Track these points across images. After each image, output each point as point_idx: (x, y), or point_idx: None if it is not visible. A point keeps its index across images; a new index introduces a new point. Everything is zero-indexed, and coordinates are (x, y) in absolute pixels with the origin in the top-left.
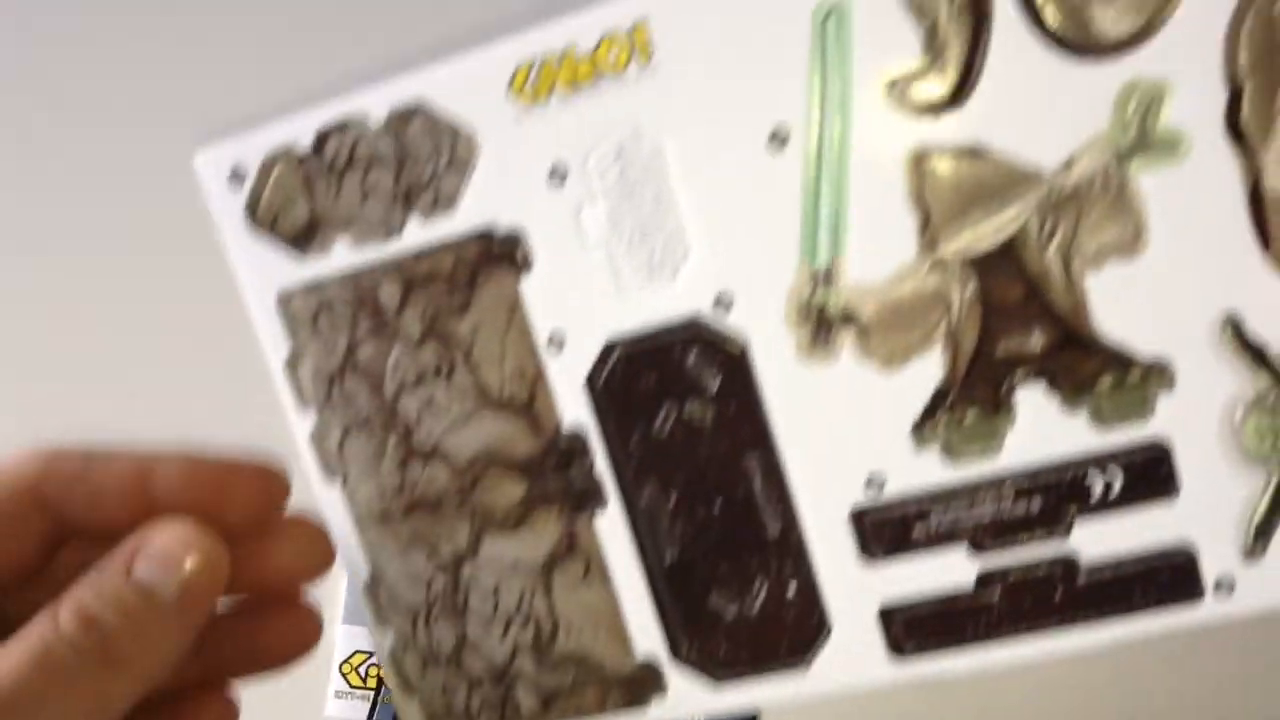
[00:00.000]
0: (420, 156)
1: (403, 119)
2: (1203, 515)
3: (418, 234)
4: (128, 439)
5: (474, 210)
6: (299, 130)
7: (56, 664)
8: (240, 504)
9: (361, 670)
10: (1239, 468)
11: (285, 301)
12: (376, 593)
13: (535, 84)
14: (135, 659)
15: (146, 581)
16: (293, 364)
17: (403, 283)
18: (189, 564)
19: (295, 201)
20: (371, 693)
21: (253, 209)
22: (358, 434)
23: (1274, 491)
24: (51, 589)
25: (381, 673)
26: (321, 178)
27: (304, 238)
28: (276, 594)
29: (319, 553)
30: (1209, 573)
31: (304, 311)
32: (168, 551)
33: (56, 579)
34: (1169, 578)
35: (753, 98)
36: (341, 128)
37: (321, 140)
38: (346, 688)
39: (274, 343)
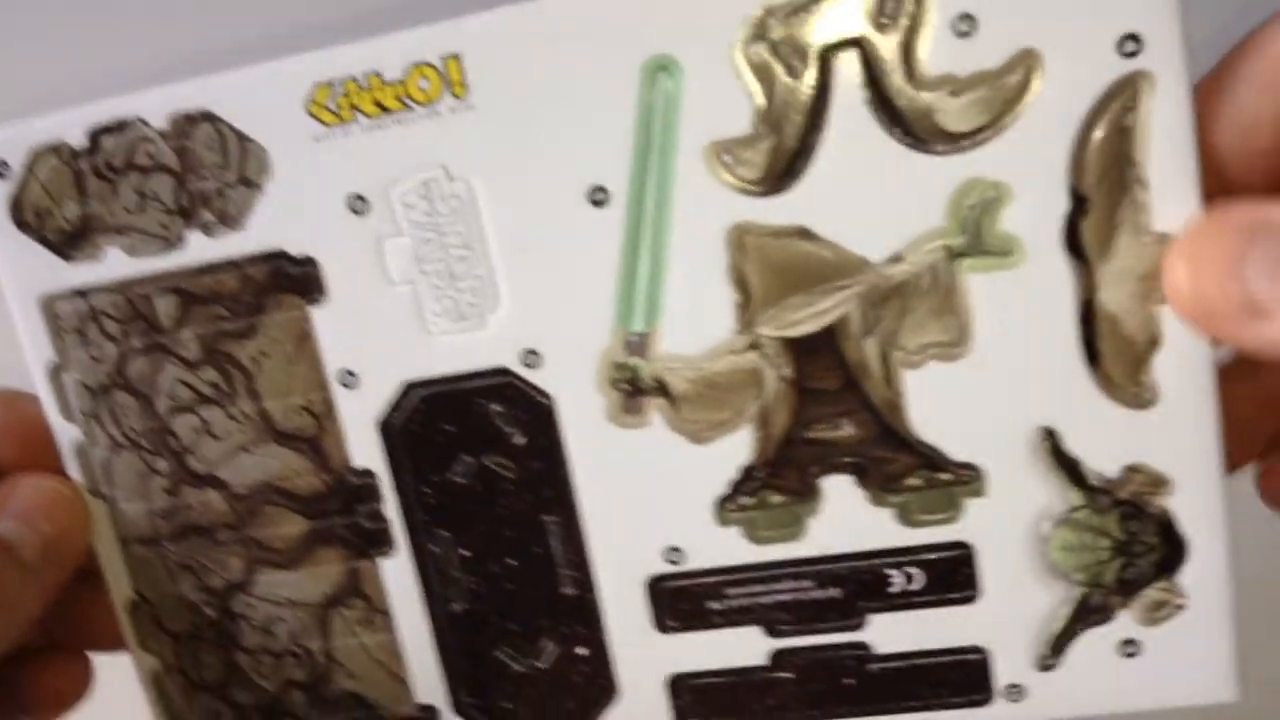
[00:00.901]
0: (206, 168)
1: (188, 126)
2: (1001, 621)
3: (200, 249)
4: None
5: (264, 231)
6: (73, 126)
7: None
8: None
9: None
10: (1042, 579)
11: (49, 306)
12: (140, 614)
13: (337, 105)
14: None
15: (8, 538)
16: (56, 373)
17: (181, 299)
18: (52, 522)
19: (65, 202)
20: None
21: (17, 205)
22: (127, 452)
23: (1075, 608)
24: None
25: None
26: (95, 179)
27: (73, 241)
28: None
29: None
30: (1001, 677)
31: (71, 319)
32: (32, 508)
33: None
34: (961, 677)
35: (573, 150)
36: (120, 127)
37: (96, 139)
38: None
39: (36, 348)
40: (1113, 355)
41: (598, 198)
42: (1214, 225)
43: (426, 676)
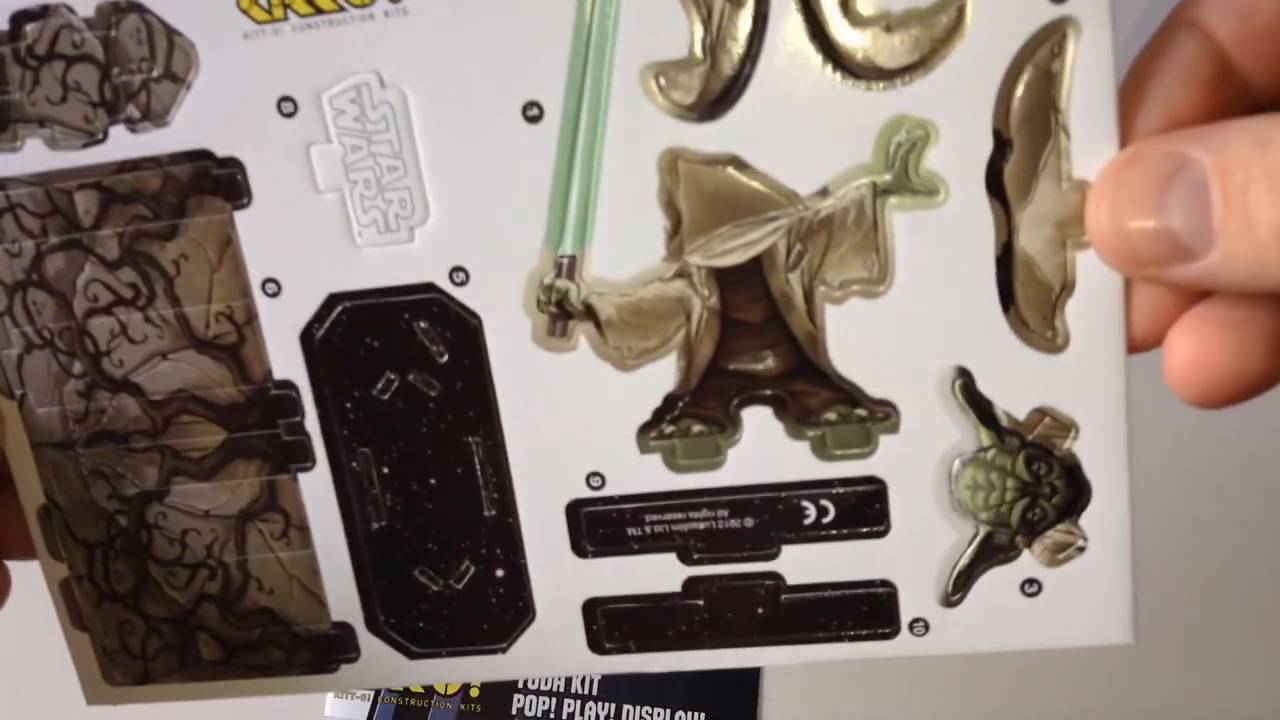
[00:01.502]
0: (131, 60)
1: (115, 15)
2: (908, 557)
3: (123, 145)
4: None
5: (189, 129)
6: None
7: None
8: None
9: None
10: (950, 516)
11: None
12: (50, 521)
13: (269, 1)
14: None
15: None
16: None
17: (101, 196)
18: None
19: None
20: (370, 692)
21: None
22: (41, 352)
23: (978, 545)
24: None
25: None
26: (16, 65)
27: None
28: None
29: None
30: (907, 611)
31: None
32: None
33: None
34: (868, 610)
35: (509, 64)
36: (44, 13)
37: (19, 24)
38: None
39: None
40: (1027, 299)
41: (532, 114)
42: (1133, 161)
43: (343, 594)
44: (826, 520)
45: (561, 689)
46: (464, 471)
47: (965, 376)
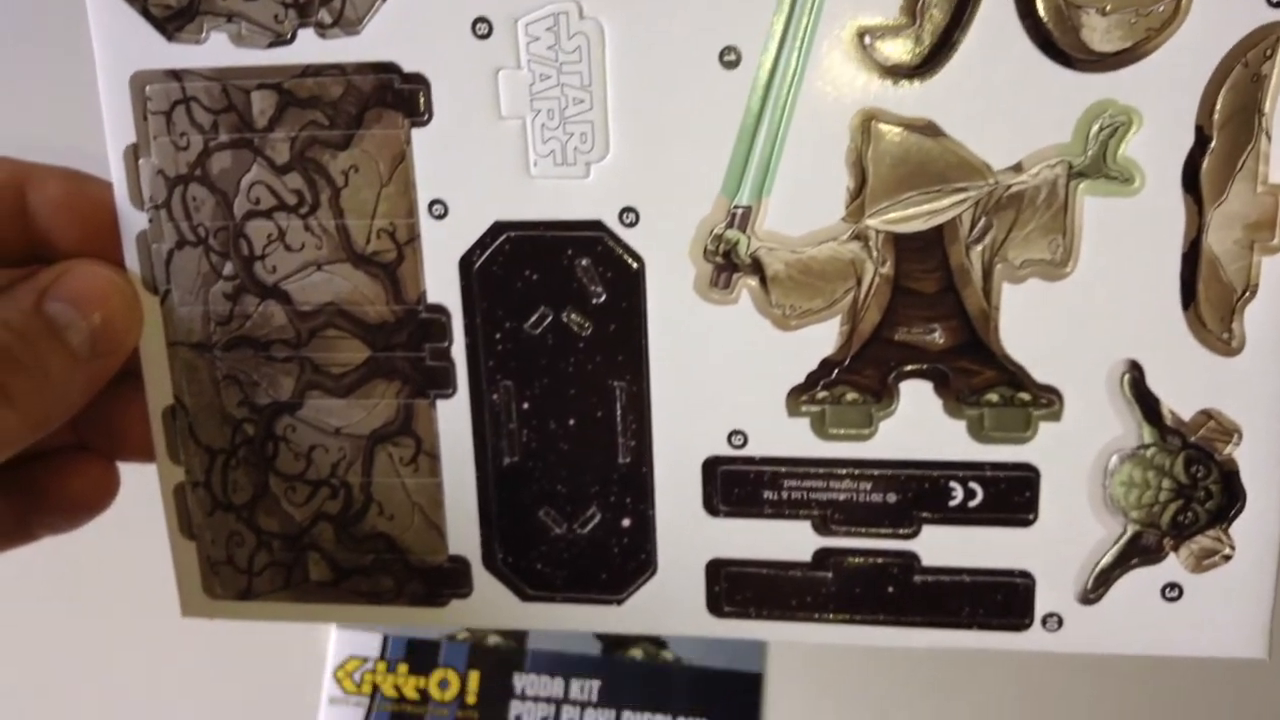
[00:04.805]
0: None
1: None
2: (1051, 549)
3: (309, 49)
4: None
5: (379, 40)
6: None
7: None
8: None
9: (356, 676)
10: (1099, 512)
11: (139, 85)
12: (175, 422)
13: None
14: (32, 399)
15: (58, 320)
16: (134, 156)
17: (279, 98)
18: (104, 312)
19: None
20: (366, 699)
21: None
22: (191, 249)
23: (1125, 544)
24: None
25: (374, 679)
26: None
27: (178, 19)
28: None
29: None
30: (1042, 605)
31: (160, 101)
32: (85, 293)
33: None
34: (1004, 600)
35: (713, 7)
36: None
37: None
38: (340, 694)
39: (118, 128)
40: (1208, 298)
41: (729, 59)
42: None
43: (463, 527)
44: (973, 504)
45: (561, 695)
46: (604, 415)
47: (1136, 371)
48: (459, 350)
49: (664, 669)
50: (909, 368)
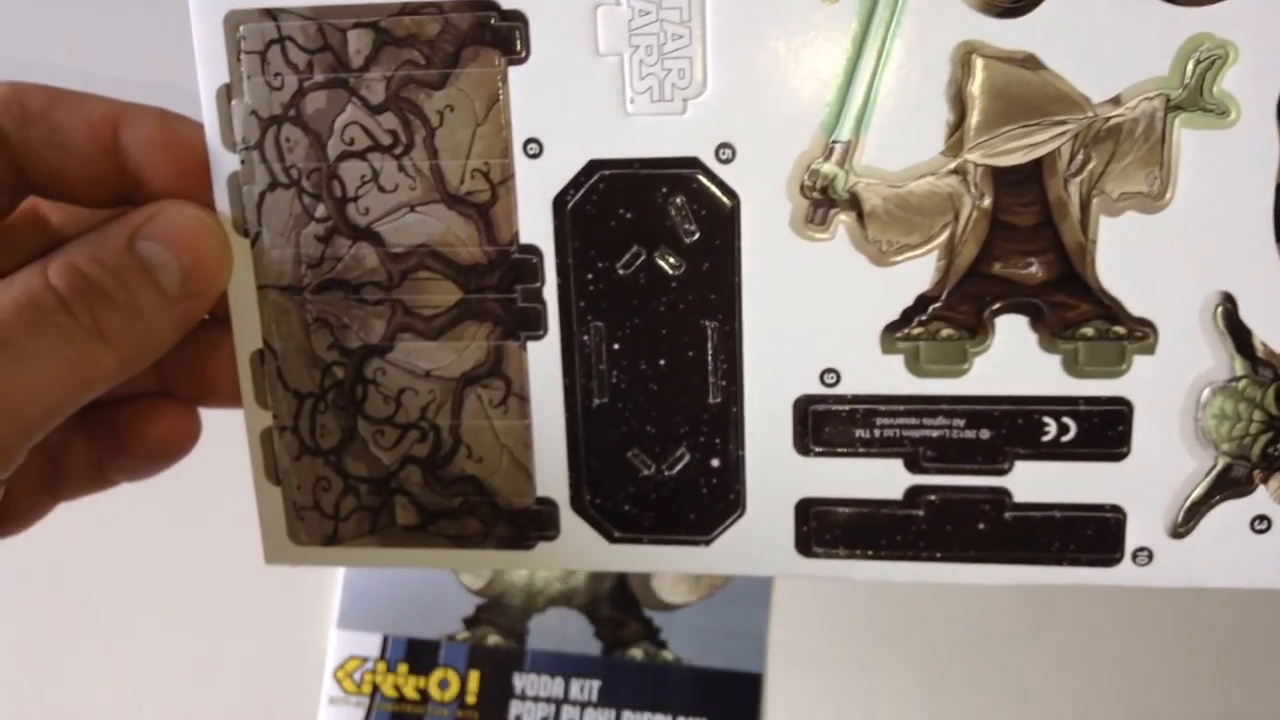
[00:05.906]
0: None
1: None
2: (1143, 483)
3: None
4: None
5: None
6: None
7: (44, 318)
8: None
9: (356, 676)
10: (1191, 445)
11: (233, 24)
12: (263, 367)
13: None
14: (125, 336)
15: (150, 259)
16: (226, 96)
17: (375, 36)
18: (196, 253)
19: None
20: (366, 699)
21: None
22: (283, 191)
23: (1216, 476)
24: (9, 251)
25: (374, 679)
26: None
27: None
28: None
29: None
30: (1133, 539)
31: (254, 40)
32: (177, 233)
33: (15, 241)
34: (1093, 534)
35: None
36: None
37: None
38: (340, 694)
39: (211, 68)
40: None
41: None
42: None
43: (551, 469)
44: (1066, 439)
45: (561, 695)
46: (695, 355)
47: (1229, 303)
48: (550, 291)
49: (664, 669)
50: (1005, 302)
